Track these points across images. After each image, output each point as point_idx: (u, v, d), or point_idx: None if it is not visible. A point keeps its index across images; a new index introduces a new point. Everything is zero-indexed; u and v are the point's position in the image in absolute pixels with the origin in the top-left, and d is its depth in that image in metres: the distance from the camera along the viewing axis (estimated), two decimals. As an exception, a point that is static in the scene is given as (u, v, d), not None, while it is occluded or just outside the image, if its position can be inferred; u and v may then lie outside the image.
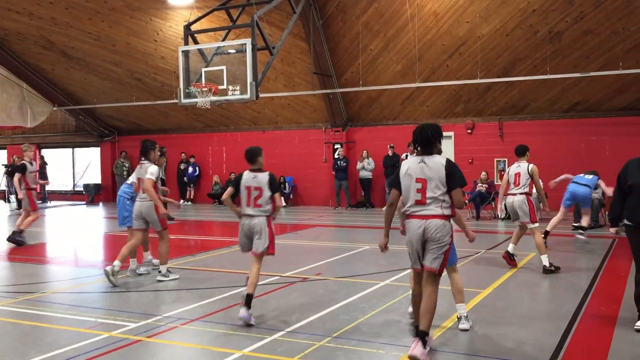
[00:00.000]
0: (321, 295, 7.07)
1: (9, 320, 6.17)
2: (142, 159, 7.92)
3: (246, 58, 11.04)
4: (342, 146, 18.74)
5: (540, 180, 8.62)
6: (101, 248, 12.05)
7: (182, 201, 21.41)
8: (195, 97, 11.45)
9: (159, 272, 8.03)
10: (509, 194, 8.66)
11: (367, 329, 5.64)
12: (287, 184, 19.58)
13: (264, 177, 6.08)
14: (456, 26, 14.93)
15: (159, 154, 8.31)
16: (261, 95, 14.24)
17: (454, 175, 4.83)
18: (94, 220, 17.29)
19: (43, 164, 23.29)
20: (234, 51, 11.76)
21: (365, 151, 18.13)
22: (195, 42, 12.23)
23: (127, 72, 19.28)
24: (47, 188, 23.43)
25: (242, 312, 5.77)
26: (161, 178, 8.45)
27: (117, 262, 7.70)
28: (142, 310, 6.46)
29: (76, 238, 13.09)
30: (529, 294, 7.08)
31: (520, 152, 8.80)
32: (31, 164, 11.41)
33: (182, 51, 11.77)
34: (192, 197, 21.27)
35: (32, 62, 20.13)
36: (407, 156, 15.57)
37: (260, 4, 12.21)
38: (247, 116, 20.15)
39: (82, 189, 23.77)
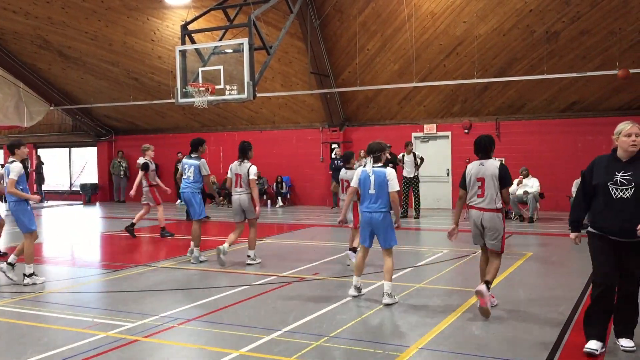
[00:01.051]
0: (318, 295, 7.07)
1: (5, 320, 6.16)
2: (242, 158, 9.38)
3: (243, 58, 11.02)
4: (339, 146, 18.74)
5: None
6: (98, 248, 12.02)
7: (179, 201, 21.39)
8: (192, 96, 11.44)
9: (248, 256, 9.19)
10: None
11: (364, 329, 5.64)
12: (284, 183, 19.58)
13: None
14: (453, 26, 14.95)
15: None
16: (258, 95, 14.25)
17: (504, 177, 6.09)
18: (90, 220, 17.26)
19: (39, 164, 23.24)
20: (231, 51, 11.74)
21: (362, 151, 18.11)
22: (193, 41, 12.21)
23: (124, 71, 19.25)
24: (44, 188, 23.40)
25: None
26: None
27: (226, 245, 8.92)
28: (139, 310, 6.45)
29: (73, 238, 13.08)
30: (526, 293, 7.10)
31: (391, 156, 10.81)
32: (151, 162, 12.56)
33: (179, 51, 11.76)
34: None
35: (28, 62, 20.09)
36: (403, 156, 15.59)
37: (257, 4, 12.19)
38: (244, 116, 20.14)
39: (78, 188, 23.73)
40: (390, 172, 6.70)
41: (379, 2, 15.14)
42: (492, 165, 6.13)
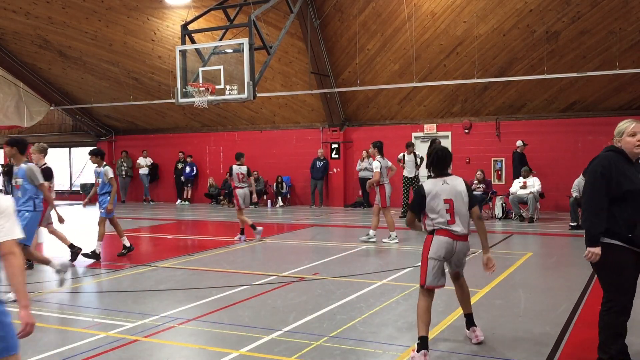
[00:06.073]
0: (318, 295, 7.07)
1: (5, 320, 6.15)
2: (380, 155, 11.11)
3: (243, 57, 11.03)
4: (339, 146, 18.83)
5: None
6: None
7: (179, 201, 21.41)
8: (192, 96, 11.44)
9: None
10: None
11: (364, 329, 5.64)
12: (284, 183, 19.59)
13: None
14: (453, 26, 14.94)
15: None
16: (258, 94, 14.24)
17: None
18: (91, 220, 17.23)
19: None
20: (231, 51, 11.75)
21: (365, 151, 18.12)
22: (193, 41, 12.21)
23: (124, 71, 19.25)
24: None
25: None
26: None
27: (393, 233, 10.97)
28: (139, 310, 6.45)
29: (73, 238, 13.05)
30: (526, 293, 7.09)
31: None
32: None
33: (180, 51, 11.76)
34: (189, 196, 21.26)
35: (28, 62, 20.09)
36: (404, 156, 15.60)
37: (257, 4, 12.20)
38: (244, 116, 20.14)
39: (79, 188, 23.73)
40: None
41: (379, 2, 15.13)
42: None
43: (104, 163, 9.96)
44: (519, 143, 15.68)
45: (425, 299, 4.92)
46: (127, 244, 10.12)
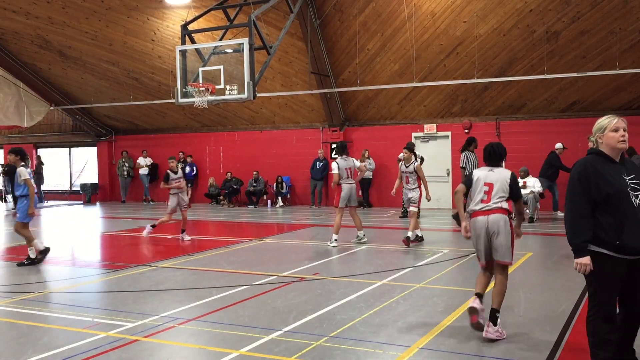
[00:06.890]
0: (318, 295, 7.07)
1: (5, 320, 6.15)
2: (344, 155, 11.07)
3: (243, 57, 11.03)
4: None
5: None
6: (98, 248, 12.01)
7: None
8: (192, 96, 11.44)
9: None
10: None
11: (364, 329, 5.64)
12: (284, 183, 19.59)
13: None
14: (453, 26, 14.94)
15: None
16: (258, 94, 14.24)
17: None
18: (91, 220, 17.25)
19: (39, 164, 23.22)
20: (231, 51, 11.75)
21: (366, 151, 18.13)
22: (193, 41, 12.21)
23: (124, 71, 19.26)
24: (44, 188, 23.40)
25: None
26: None
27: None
28: (139, 310, 6.45)
29: (73, 238, 13.07)
30: (526, 293, 7.09)
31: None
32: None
33: (180, 51, 11.76)
34: (189, 196, 21.20)
35: (28, 62, 20.09)
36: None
37: (257, 4, 12.20)
38: (244, 116, 20.15)
39: (79, 188, 23.75)
40: None
41: (379, 2, 15.13)
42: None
43: (22, 163, 9.27)
44: (558, 145, 15.25)
45: (481, 271, 5.74)
46: (33, 255, 9.35)
